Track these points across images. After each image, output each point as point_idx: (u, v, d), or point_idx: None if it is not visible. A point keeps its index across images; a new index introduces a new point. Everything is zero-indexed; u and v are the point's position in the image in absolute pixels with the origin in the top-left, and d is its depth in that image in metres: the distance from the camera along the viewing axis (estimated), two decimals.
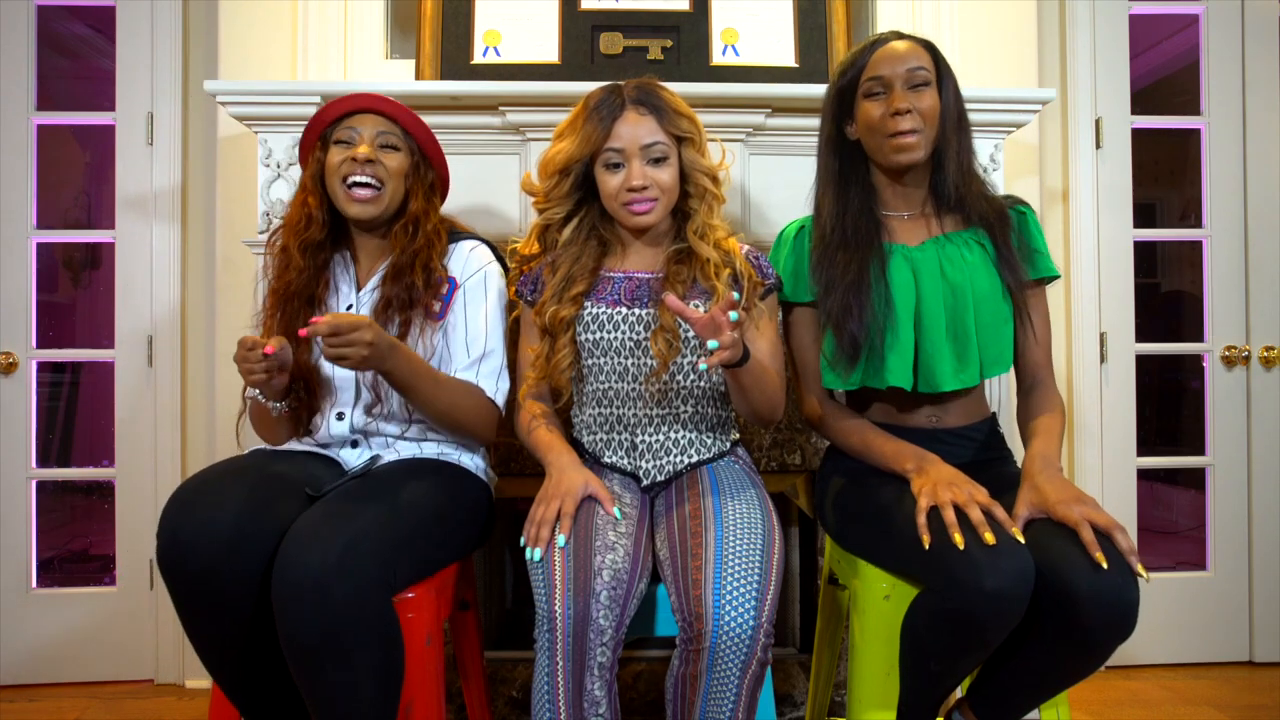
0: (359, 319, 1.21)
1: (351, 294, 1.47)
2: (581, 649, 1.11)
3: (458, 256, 1.48)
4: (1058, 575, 1.08)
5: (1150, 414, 2.49)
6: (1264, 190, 2.27)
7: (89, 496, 2.86)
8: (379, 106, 1.44)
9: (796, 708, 1.90)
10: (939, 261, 1.36)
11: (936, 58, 1.37)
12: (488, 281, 1.46)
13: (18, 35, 2.12)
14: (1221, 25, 2.28)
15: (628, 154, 1.34)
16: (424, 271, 1.41)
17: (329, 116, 1.45)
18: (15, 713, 1.98)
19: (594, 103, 1.37)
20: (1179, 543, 2.72)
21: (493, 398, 1.42)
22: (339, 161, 1.40)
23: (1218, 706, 2.00)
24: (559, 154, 1.38)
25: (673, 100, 1.38)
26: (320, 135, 1.46)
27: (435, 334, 1.43)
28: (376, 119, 1.44)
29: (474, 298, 1.45)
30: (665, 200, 1.37)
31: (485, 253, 1.49)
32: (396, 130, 1.44)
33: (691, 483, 1.35)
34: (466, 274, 1.46)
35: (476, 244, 1.50)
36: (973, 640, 1.12)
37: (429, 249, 1.43)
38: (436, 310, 1.43)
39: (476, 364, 1.41)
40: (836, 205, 1.40)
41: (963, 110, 1.39)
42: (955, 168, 1.38)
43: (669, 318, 1.34)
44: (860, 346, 1.33)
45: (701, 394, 1.40)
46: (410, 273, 1.40)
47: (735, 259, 1.38)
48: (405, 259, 1.41)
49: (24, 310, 2.13)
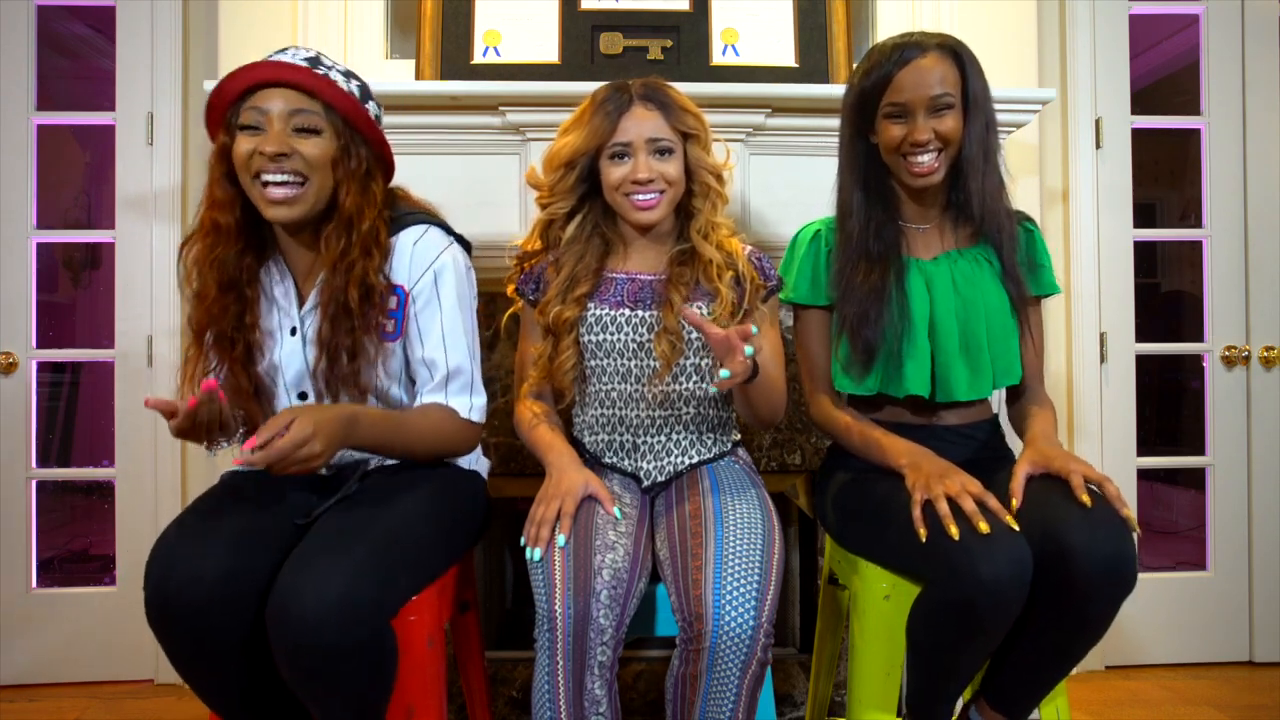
0: (299, 431, 1.05)
1: (293, 312, 1.27)
2: (582, 648, 1.11)
3: (400, 256, 1.26)
4: (1054, 538, 1.10)
5: (1150, 414, 2.49)
6: (1264, 190, 2.27)
7: (89, 496, 2.86)
8: (288, 77, 1.17)
9: (796, 708, 1.90)
10: (951, 276, 1.37)
11: (964, 71, 1.32)
12: (439, 281, 1.26)
13: (18, 35, 2.12)
14: (1221, 25, 2.28)
15: (634, 147, 1.34)
16: (361, 289, 1.20)
17: (228, 95, 1.18)
18: (15, 713, 1.98)
19: (601, 98, 1.37)
20: (1179, 543, 2.72)
21: (468, 418, 1.30)
22: (247, 154, 1.16)
23: (1218, 706, 2.00)
24: (565, 147, 1.37)
25: (679, 98, 1.39)
26: (223, 118, 1.20)
27: (397, 349, 1.28)
28: (287, 94, 1.17)
29: (426, 306, 1.26)
30: (670, 194, 1.36)
31: (432, 242, 1.28)
32: (315, 107, 1.18)
33: (692, 483, 1.35)
34: (413, 278, 1.26)
35: (422, 232, 1.28)
36: (973, 630, 1.12)
37: (366, 259, 1.20)
38: (390, 329, 1.25)
39: (443, 386, 1.28)
40: (862, 214, 1.38)
41: (991, 120, 1.35)
42: (979, 186, 1.34)
43: (673, 320, 1.33)
44: (875, 353, 1.34)
45: (704, 395, 1.40)
46: (346, 292, 1.19)
47: (738, 260, 1.38)
48: (339, 278, 1.19)
49: (24, 310, 2.13)
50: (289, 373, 1.28)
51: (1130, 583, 1.10)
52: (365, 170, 1.23)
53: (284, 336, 1.27)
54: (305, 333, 1.26)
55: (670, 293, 1.35)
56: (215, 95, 1.19)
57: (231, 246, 1.21)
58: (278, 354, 1.27)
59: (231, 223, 1.21)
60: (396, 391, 1.32)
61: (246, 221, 1.23)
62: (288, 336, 1.27)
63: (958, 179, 1.37)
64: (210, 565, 1.05)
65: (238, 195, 1.21)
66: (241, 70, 1.18)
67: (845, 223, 1.40)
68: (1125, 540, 1.10)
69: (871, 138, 1.38)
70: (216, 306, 1.21)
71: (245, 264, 1.24)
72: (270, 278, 1.28)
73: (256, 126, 1.17)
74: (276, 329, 1.28)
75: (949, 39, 1.34)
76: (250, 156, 1.16)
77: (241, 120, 1.18)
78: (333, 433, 1.10)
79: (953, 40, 1.34)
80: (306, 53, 1.22)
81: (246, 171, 1.18)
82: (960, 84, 1.31)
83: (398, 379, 1.31)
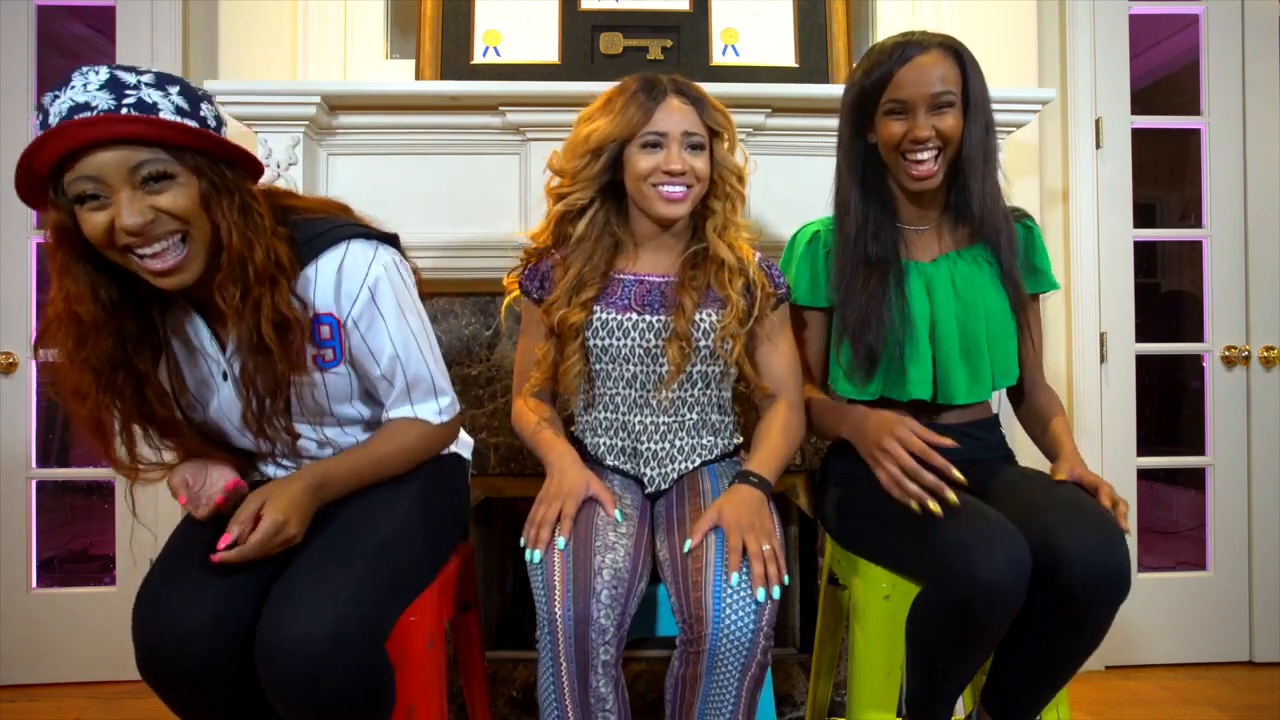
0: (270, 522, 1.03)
1: (218, 355, 1.14)
2: (584, 649, 1.11)
3: (323, 282, 1.12)
4: (1049, 547, 1.11)
5: (1150, 414, 2.49)
6: (1264, 190, 2.27)
7: (89, 496, 2.85)
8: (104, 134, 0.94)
9: (796, 708, 1.90)
10: (951, 279, 1.38)
11: (965, 71, 1.32)
12: (377, 297, 1.15)
13: (18, 35, 2.12)
14: (1221, 25, 2.28)
15: (670, 138, 1.32)
16: (275, 324, 1.06)
17: (40, 169, 0.96)
18: (15, 713, 1.98)
19: (634, 88, 1.34)
20: (1179, 543, 2.72)
21: (440, 421, 1.26)
22: (103, 230, 0.97)
23: (1218, 706, 2.00)
24: (595, 132, 1.33)
25: (709, 97, 1.38)
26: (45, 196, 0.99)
27: (341, 369, 1.18)
28: (119, 153, 0.96)
29: (370, 326, 1.16)
30: (697, 191, 1.35)
31: (356, 260, 1.13)
32: (153, 152, 0.97)
33: (693, 484, 1.35)
34: (346, 308, 1.13)
35: (342, 252, 1.12)
36: (972, 630, 1.13)
37: (271, 290, 1.05)
38: (330, 357, 1.15)
39: (405, 397, 1.23)
40: (859, 213, 1.38)
41: (990, 123, 1.35)
42: (979, 187, 1.34)
43: (683, 324, 1.32)
44: (877, 358, 1.35)
45: (708, 401, 1.40)
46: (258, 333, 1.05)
47: (749, 267, 1.37)
48: (249, 319, 1.05)
49: (24, 310, 2.13)
50: (234, 418, 1.18)
51: (1124, 589, 1.11)
52: (239, 198, 1.04)
53: (219, 383, 1.16)
54: (235, 375, 1.14)
55: (682, 296, 1.33)
56: (23, 170, 0.96)
57: (105, 338, 1.03)
58: (215, 404, 1.17)
59: (98, 312, 1.02)
60: (351, 410, 1.24)
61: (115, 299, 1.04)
62: (221, 382, 1.16)
63: (956, 180, 1.37)
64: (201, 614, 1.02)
65: (96, 273, 1.02)
66: (46, 138, 0.94)
67: (843, 222, 1.40)
68: (1118, 549, 1.11)
69: (870, 137, 1.37)
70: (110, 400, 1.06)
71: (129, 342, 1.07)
72: (188, 326, 1.13)
73: (96, 197, 0.97)
74: (209, 376, 1.16)
75: (950, 39, 1.34)
76: (108, 233, 0.97)
77: (73, 193, 0.97)
78: (304, 509, 1.09)
79: (954, 40, 1.34)
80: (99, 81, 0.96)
81: (112, 249, 0.99)
82: (961, 83, 1.32)
83: (349, 398, 1.22)
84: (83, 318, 1.02)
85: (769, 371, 1.40)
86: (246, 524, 1.05)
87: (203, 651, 1.01)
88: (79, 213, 0.98)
